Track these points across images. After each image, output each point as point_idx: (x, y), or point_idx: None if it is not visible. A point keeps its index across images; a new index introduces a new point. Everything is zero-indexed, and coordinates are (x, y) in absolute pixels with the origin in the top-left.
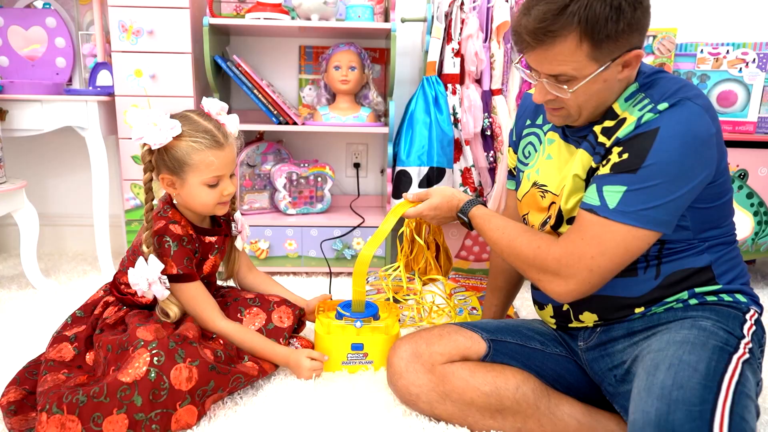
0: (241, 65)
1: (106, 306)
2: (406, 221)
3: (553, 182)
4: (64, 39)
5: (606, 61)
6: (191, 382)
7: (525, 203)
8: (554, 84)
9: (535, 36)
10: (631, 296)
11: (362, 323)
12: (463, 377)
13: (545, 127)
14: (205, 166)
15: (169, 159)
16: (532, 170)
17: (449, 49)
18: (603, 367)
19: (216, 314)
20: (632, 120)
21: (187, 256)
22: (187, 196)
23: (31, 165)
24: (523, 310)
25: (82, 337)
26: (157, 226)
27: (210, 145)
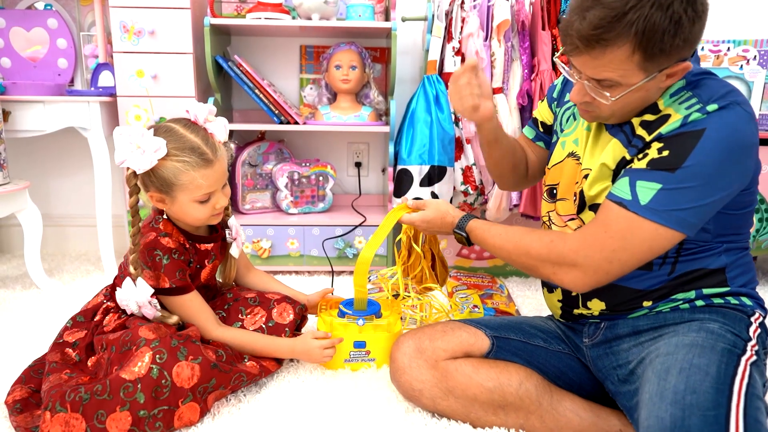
0: (242, 65)
1: (107, 313)
2: (404, 227)
3: (585, 157)
4: (65, 40)
5: (654, 72)
6: (193, 379)
7: (555, 173)
8: (596, 88)
9: (588, 42)
10: (642, 289)
11: (364, 321)
12: (467, 373)
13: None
14: (195, 187)
15: (157, 179)
16: (569, 139)
17: (450, 47)
18: (607, 365)
19: (212, 323)
20: (678, 117)
21: (180, 268)
22: (178, 213)
23: (34, 166)
24: (525, 307)
25: (83, 344)
26: (147, 238)
27: (198, 165)
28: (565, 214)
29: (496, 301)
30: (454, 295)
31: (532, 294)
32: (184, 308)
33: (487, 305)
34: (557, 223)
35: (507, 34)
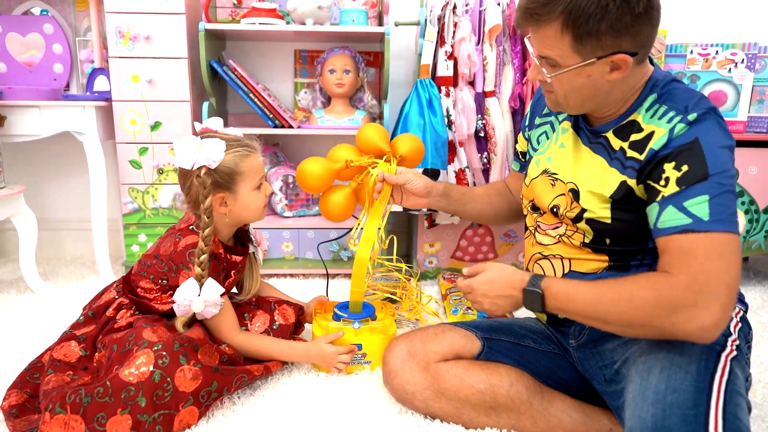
0: (237, 69)
1: (119, 309)
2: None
3: (564, 172)
4: (61, 45)
5: (589, 57)
6: (195, 383)
7: (533, 189)
8: (539, 66)
9: (524, 15)
10: None
11: (360, 324)
12: (458, 375)
13: (560, 116)
14: (254, 172)
15: (220, 176)
16: (543, 157)
17: (442, 52)
18: (593, 366)
19: (236, 329)
20: (663, 132)
21: (217, 272)
22: (240, 208)
23: (30, 170)
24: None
25: (90, 337)
26: (189, 240)
27: (249, 151)
28: (549, 224)
29: None
30: (448, 297)
31: None
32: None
33: None
34: (540, 233)
35: (499, 38)
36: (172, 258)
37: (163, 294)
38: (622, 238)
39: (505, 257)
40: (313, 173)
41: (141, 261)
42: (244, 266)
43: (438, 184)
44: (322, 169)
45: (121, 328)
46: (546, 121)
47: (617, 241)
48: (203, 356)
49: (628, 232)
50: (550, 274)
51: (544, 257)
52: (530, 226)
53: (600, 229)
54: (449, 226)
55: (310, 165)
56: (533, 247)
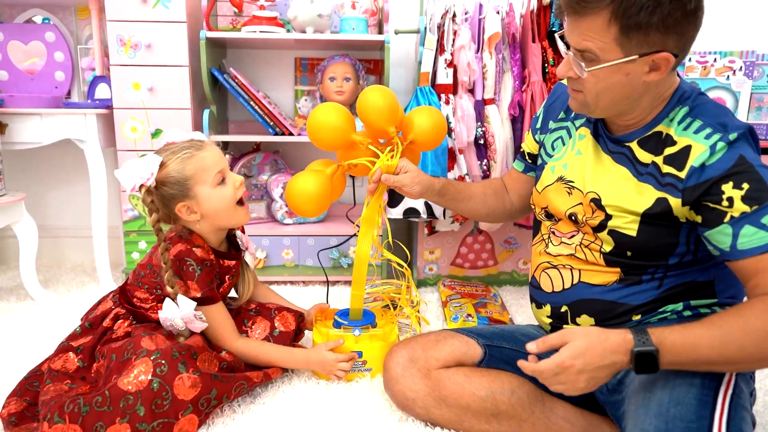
0: (237, 77)
1: (116, 319)
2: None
3: (583, 180)
4: (62, 53)
5: (632, 53)
6: (194, 390)
7: (546, 196)
8: (576, 60)
9: (570, 3)
10: (631, 303)
11: (360, 331)
12: (459, 382)
13: (577, 122)
14: (202, 170)
15: (171, 187)
16: (558, 163)
17: (442, 59)
18: None
19: (234, 334)
20: (702, 148)
21: (210, 279)
22: (208, 209)
23: (30, 177)
24: (519, 316)
25: (88, 348)
26: (178, 249)
27: (195, 150)
28: (567, 231)
29: (490, 310)
30: (448, 304)
31: (525, 303)
32: (209, 318)
33: (481, 314)
34: (556, 240)
35: (498, 46)
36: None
37: (158, 303)
38: (645, 252)
39: (505, 264)
40: (307, 195)
41: (135, 271)
42: (238, 270)
43: (435, 183)
44: (316, 185)
45: (118, 338)
46: (562, 126)
47: (639, 254)
48: (202, 364)
49: (652, 247)
50: (558, 284)
51: (552, 266)
52: (543, 233)
53: (623, 242)
54: (449, 233)
55: (302, 184)
56: (541, 256)
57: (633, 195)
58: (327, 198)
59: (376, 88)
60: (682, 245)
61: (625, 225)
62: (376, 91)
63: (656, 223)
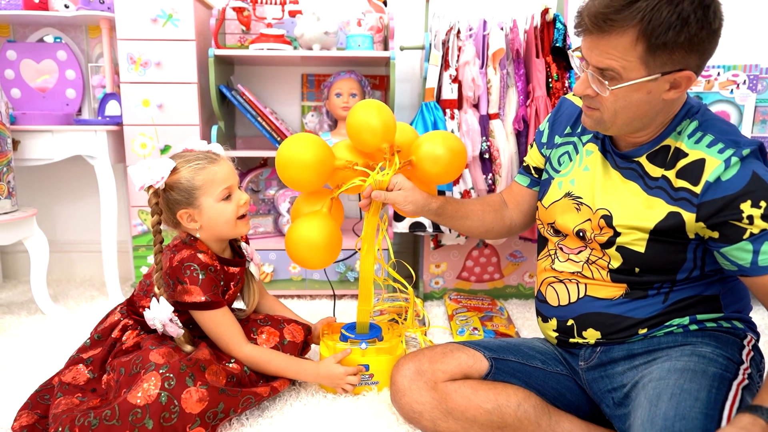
0: (245, 94)
1: (125, 330)
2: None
3: (590, 196)
4: (74, 71)
5: (656, 72)
6: (202, 404)
7: (553, 211)
8: (597, 78)
9: (596, 21)
10: (637, 317)
11: (367, 344)
12: (466, 395)
13: (584, 137)
14: (211, 183)
15: (177, 193)
16: (566, 179)
17: (447, 75)
18: (602, 388)
19: (241, 340)
20: (716, 162)
21: (215, 283)
22: (209, 221)
23: (41, 193)
24: (525, 329)
25: (98, 360)
26: (182, 254)
27: (208, 162)
28: (574, 247)
29: (496, 324)
30: (455, 318)
31: (531, 316)
32: (215, 323)
33: (487, 327)
34: (563, 256)
35: (502, 62)
36: (169, 274)
37: None
38: (653, 268)
39: (511, 277)
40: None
41: (142, 282)
42: (243, 278)
43: (432, 203)
44: (321, 231)
45: (128, 348)
46: (568, 141)
47: (647, 270)
48: (210, 376)
49: (661, 263)
50: (564, 297)
51: (558, 281)
52: (550, 249)
53: (632, 258)
54: (455, 246)
55: (305, 234)
56: (547, 271)
57: (643, 210)
58: (336, 242)
59: (365, 106)
60: (690, 261)
61: (634, 241)
62: (370, 105)
63: (665, 240)
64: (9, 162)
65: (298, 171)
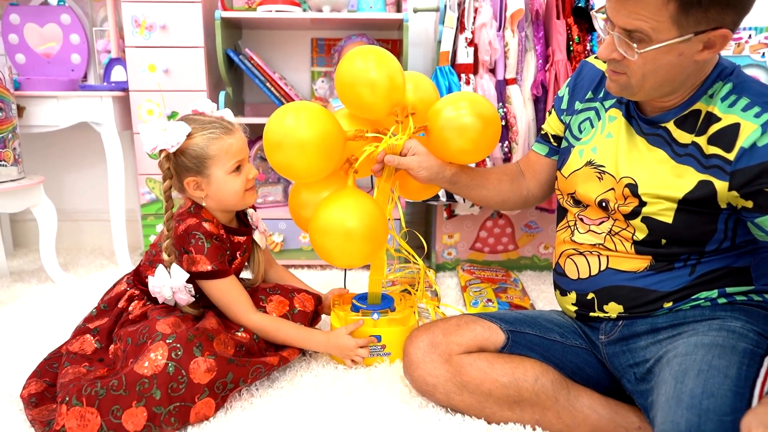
0: (253, 58)
1: (131, 300)
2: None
3: (613, 164)
4: (78, 35)
5: (689, 32)
6: (210, 374)
7: (573, 181)
8: (624, 40)
9: None
10: (662, 290)
11: (379, 315)
12: (482, 368)
13: (607, 103)
14: (224, 154)
15: (189, 159)
16: (587, 147)
17: (462, 38)
18: (623, 363)
19: (249, 308)
20: (752, 127)
21: (221, 252)
22: (217, 192)
23: (48, 161)
24: (540, 302)
25: (105, 330)
26: (188, 223)
27: (223, 132)
28: (596, 218)
29: (511, 296)
30: (468, 289)
31: (547, 288)
32: (222, 292)
33: (502, 299)
34: (583, 228)
35: (521, 23)
36: (174, 243)
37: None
38: (681, 239)
39: (525, 248)
40: (353, 235)
41: (148, 252)
42: (249, 247)
43: (446, 170)
44: (362, 215)
45: (135, 318)
46: (590, 107)
47: (674, 242)
48: (218, 346)
49: (689, 234)
50: (584, 270)
51: (578, 253)
52: (569, 220)
53: (658, 229)
54: (468, 216)
55: (337, 220)
56: (566, 243)
57: (670, 179)
58: (380, 224)
59: (360, 54)
60: (720, 232)
61: (661, 212)
62: (361, 57)
63: (694, 210)
64: (14, 128)
65: (296, 155)
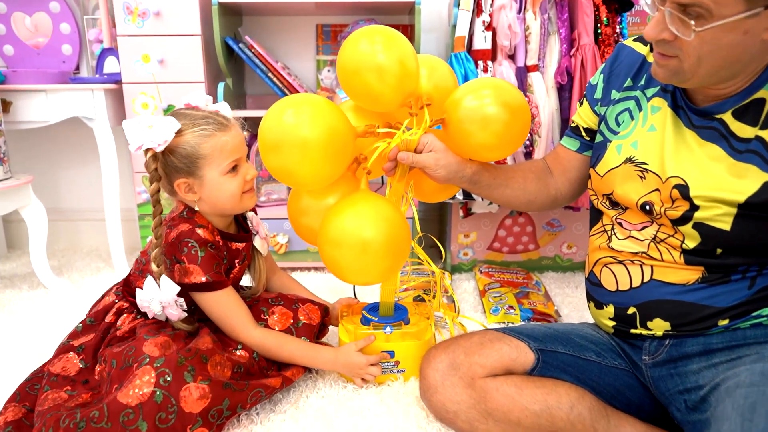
0: (254, 47)
1: (120, 313)
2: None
3: (658, 162)
4: (69, 24)
5: (757, 5)
6: (203, 401)
7: (610, 180)
8: (678, 17)
9: None
10: (717, 306)
11: (392, 328)
12: (509, 394)
13: (649, 91)
14: (218, 153)
15: (178, 159)
16: (626, 142)
17: (479, 22)
18: (671, 388)
19: (249, 323)
20: None
21: (217, 261)
22: (210, 195)
23: (42, 158)
24: (565, 307)
25: (91, 347)
26: (180, 229)
27: (217, 128)
28: (637, 222)
29: (533, 301)
30: (487, 294)
31: (571, 292)
32: (219, 306)
33: (524, 306)
34: (622, 233)
35: (543, 5)
36: (164, 251)
37: None
38: (740, 248)
39: (547, 248)
40: (371, 249)
41: (138, 260)
42: (249, 254)
43: (467, 168)
44: (385, 223)
45: (123, 335)
46: (629, 96)
47: (731, 251)
48: (213, 369)
49: (750, 243)
50: (624, 281)
51: (617, 262)
52: (605, 224)
53: (713, 237)
54: (486, 214)
55: (352, 230)
56: (602, 250)
57: (729, 179)
58: (405, 239)
59: (366, 35)
60: None
61: (717, 217)
62: (366, 39)
63: (757, 216)
64: None
65: (298, 158)
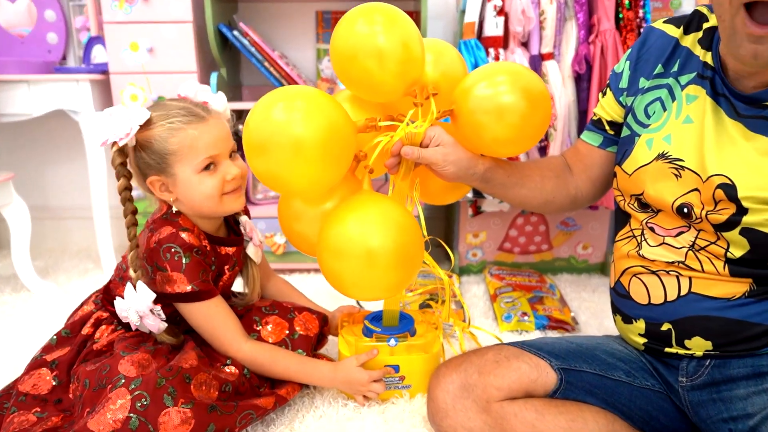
0: (249, 35)
1: (98, 324)
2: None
3: (696, 158)
4: (53, 11)
5: None
6: (185, 427)
7: (640, 179)
8: None
9: None
10: (766, 324)
11: (397, 341)
12: (529, 421)
13: (683, 78)
14: (188, 148)
15: (149, 155)
16: (658, 135)
17: (491, 6)
18: (713, 415)
19: (239, 335)
20: None
21: (203, 268)
22: (185, 195)
23: (25, 154)
24: (582, 313)
25: (65, 362)
26: (162, 233)
27: (188, 121)
28: (671, 227)
29: (548, 307)
30: (498, 299)
31: (588, 296)
32: (206, 318)
33: (539, 312)
34: (654, 240)
35: None
36: (146, 257)
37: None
38: None
39: (561, 248)
40: (383, 261)
41: (118, 265)
42: (240, 260)
43: (478, 164)
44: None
45: (101, 349)
46: (660, 84)
47: None
48: (198, 390)
49: None
50: (657, 294)
51: (650, 272)
52: (634, 228)
53: (764, 244)
54: (497, 213)
55: (360, 239)
56: (631, 258)
57: None
58: (418, 247)
59: (364, 13)
60: None
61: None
62: (365, 17)
63: None
64: None
65: (289, 161)
